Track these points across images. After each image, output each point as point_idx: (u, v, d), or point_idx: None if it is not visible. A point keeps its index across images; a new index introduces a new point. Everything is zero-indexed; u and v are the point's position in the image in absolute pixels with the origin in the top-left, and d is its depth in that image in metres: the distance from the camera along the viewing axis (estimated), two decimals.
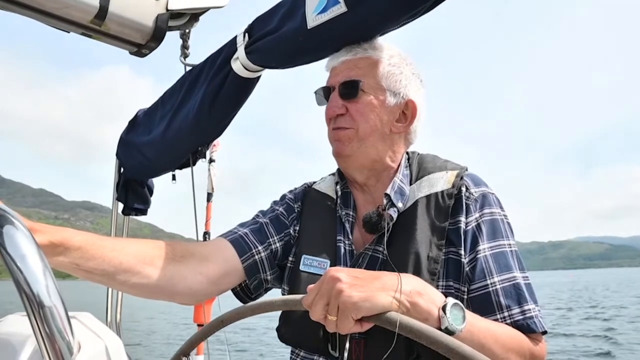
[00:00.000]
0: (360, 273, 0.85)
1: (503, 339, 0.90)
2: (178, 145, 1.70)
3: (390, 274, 0.86)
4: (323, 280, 0.82)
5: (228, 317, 0.90)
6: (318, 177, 1.36)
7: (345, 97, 1.13)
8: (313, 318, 0.83)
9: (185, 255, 1.09)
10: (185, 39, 1.86)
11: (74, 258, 0.88)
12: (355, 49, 1.16)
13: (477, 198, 1.07)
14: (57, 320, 0.51)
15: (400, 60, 1.17)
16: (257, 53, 1.36)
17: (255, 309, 0.87)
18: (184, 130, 1.62)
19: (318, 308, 0.81)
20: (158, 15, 1.58)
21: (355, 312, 0.78)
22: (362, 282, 0.81)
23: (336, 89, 1.15)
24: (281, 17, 1.30)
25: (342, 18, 1.14)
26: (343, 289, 0.79)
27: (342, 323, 0.80)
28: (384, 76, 1.14)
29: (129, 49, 1.66)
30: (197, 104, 1.53)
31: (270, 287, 1.25)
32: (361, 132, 1.12)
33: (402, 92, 1.15)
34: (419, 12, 1.14)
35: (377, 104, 1.12)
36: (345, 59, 1.16)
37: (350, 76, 1.13)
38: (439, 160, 1.18)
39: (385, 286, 0.81)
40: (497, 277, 0.99)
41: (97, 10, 1.46)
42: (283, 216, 1.25)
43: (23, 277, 0.50)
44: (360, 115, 1.12)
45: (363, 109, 1.12)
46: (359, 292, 0.79)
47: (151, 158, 1.83)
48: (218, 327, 0.92)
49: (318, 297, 0.82)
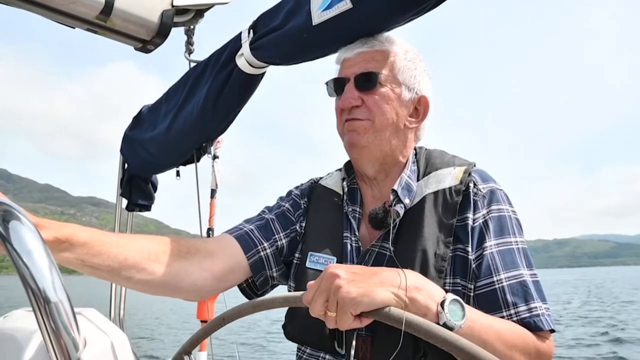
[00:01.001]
0: (359, 269, 0.84)
1: (506, 336, 0.89)
2: (182, 141, 1.70)
3: (390, 269, 0.86)
4: (322, 277, 0.82)
5: (229, 315, 0.91)
6: (325, 173, 1.35)
7: (362, 89, 1.11)
8: (313, 314, 0.83)
9: (190, 251, 1.09)
10: (190, 35, 1.86)
11: (79, 254, 0.89)
12: (372, 41, 1.14)
13: (485, 194, 1.06)
14: (63, 315, 0.51)
15: (415, 55, 1.17)
16: (262, 49, 1.35)
17: (257, 307, 0.87)
18: (188, 127, 1.62)
19: (317, 304, 0.81)
20: (163, 12, 1.58)
21: (354, 308, 0.78)
22: (361, 277, 0.81)
23: (351, 80, 1.12)
24: (286, 13, 1.29)
25: (347, 15, 1.14)
26: (342, 284, 0.79)
27: (341, 319, 0.80)
28: (400, 70, 1.12)
29: (134, 44, 1.66)
30: (202, 100, 1.53)
31: (276, 284, 1.25)
32: (377, 124, 1.10)
33: (416, 88, 1.15)
34: (424, 9, 1.13)
35: (393, 97, 1.11)
36: (361, 51, 1.14)
37: (367, 68, 1.11)
38: (446, 156, 1.17)
39: (384, 281, 0.81)
40: (503, 274, 0.98)
41: (103, 6, 1.46)
42: (289, 212, 1.25)
43: (29, 273, 0.50)
44: (378, 107, 1.10)
45: (380, 101, 1.10)
46: (357, 287, 0.79)
47: (155, 154, 1.84)
48: (219, 324, 0.92)
49: (317, 293, 0.82)
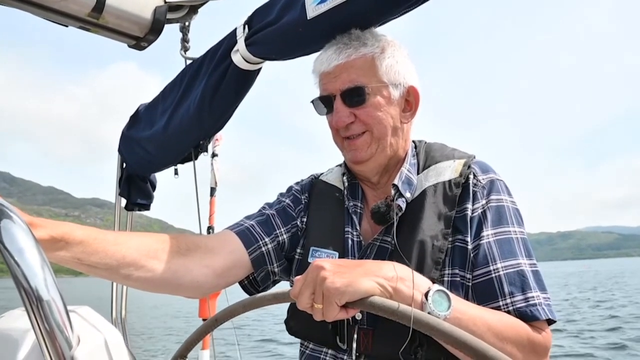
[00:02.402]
0: (344, 262, 0.86)
1: (498, 328, 0.88)
2: (180, 139, 1.70)
3: (375, 261, 0.88)
4: (308, 271, 0.83)
5: (222, 316, 0.91)
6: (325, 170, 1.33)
7: (351, 104, 1.08)
8: (300, 307, 0.84)
9: (190, 248, 1.08)
10: (185, 33, 1.85)
11: (76, 252, 0.88)
12: (345, 50, 1.09)
13: (484, 185, 1.06)
14: (56, 314, 0.51)
15: (392, 48, 1.12)
16: (257, 45, 1.35)
17: (247, 306, 0.87)
18: (185, 124, 1.61)
19: (304, 297, 0.82)
20: (156, 8, 1.57)
21: (339, 298, 0.79)
22: (346, 269, 0.82)
23: (337, 97, 1.09)
24: (281, 8, 1.29)
25: (341, 8, 1.13)
26: (327, 276, 0.80)
27: (327, 310, 0.81)
28: (383, 71, 1.09)
29: (127, 42, 1.65)
30: (198, 97, 1.52)
31: (277, 280, 1.25)
32: (376, 133, 1.09)
33: (403, 82, 1.12)
34: (419, 1, 1.12)
35: (384, 103, 1.09)
36: (338, 63, 1.09)
37: (351, 81, 1.07)
38: (446, 149, 1.17)
39: (368, 272, 0.82)
40: (500, 263, 0.98)
41: (95, 3, 1.45)
42: (290, 208, 1.24)
43: (21, 272, 0.50)
44: (372, 118, 1.08)
45: (373, 111, 1.08)
46: (342, 278, 0.80)
47: (153, 153, 1.83)
48: (213, 326, 0.92)
49: (304, 286, 0.82)
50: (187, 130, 1.64)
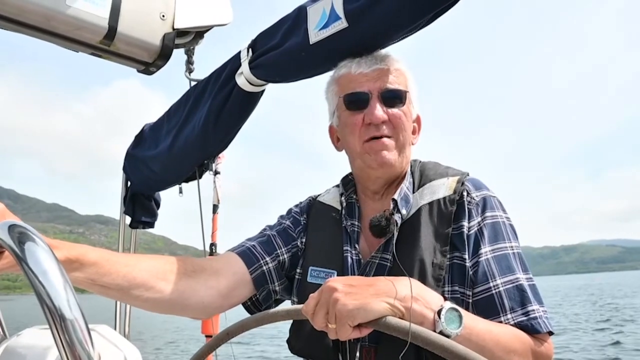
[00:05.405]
0: (356, 280, 0.87)
1: (505, 341, 0.91)
2: (184, 159, 1.73)
3: (386, 279, 0.88)
4: (322, 290, 0.85)
5: (233, 330, 0.92)
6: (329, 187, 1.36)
7: (388, 105, 1.11)
8: (316, 327, 0.86)
9: (196, 270, 1.11)
10: (190, 55, 1.89)
11: (89, 273, 0.91)
12: (385, 59, 1.15)
13: (478, 202, 1.08)
14: (78, 331, 0.53)
15: (412, 75, 1.20)
16: (261, 68, 1.39)
17: (260, 320, 0.89)
18: (190, 145, 1.65)
19: (319, 317, 0.84)
20: (165, 34, 1.62)
21: (351, 320, 0.81)
22: (357, 289, 0.83)
23: (375, 96, 1.11)
24: (284, 32, 1.33)
25: (343, 33, 1.17)
26: (339, 297, 0.81)
27: (341, 330, 0.82)
28: (412, 89, 1.17)
29: (137, 67, 1.69)
30: (203, 118, 1.56)
31: (279, 299, 1.27)
32: (401, 141, 1.13)
33: (417, 106, 1.20)
34: (418, 26, 1.17)
35: (409, 116, 1.16)
36: (378, 67, 1.13)
37: (393, 84, 1.13)
38: (440, 167, 1.20)
39: (379, 292, 0.83)
40: (499, 279, 1.00)
41: (107, 30, 1.50)
42: (290, 229, 1.27)
43: (45, 292, 0.52)
44: (401, 125, 1.12)
45: (404, 118, 1.13)
46: (353, 300, 0.81)
47: (158, 172, 1.86)
48: (224, 339, 0.94)
49: (318, 307, 0.84)
50: (192, 150, 1.67)
